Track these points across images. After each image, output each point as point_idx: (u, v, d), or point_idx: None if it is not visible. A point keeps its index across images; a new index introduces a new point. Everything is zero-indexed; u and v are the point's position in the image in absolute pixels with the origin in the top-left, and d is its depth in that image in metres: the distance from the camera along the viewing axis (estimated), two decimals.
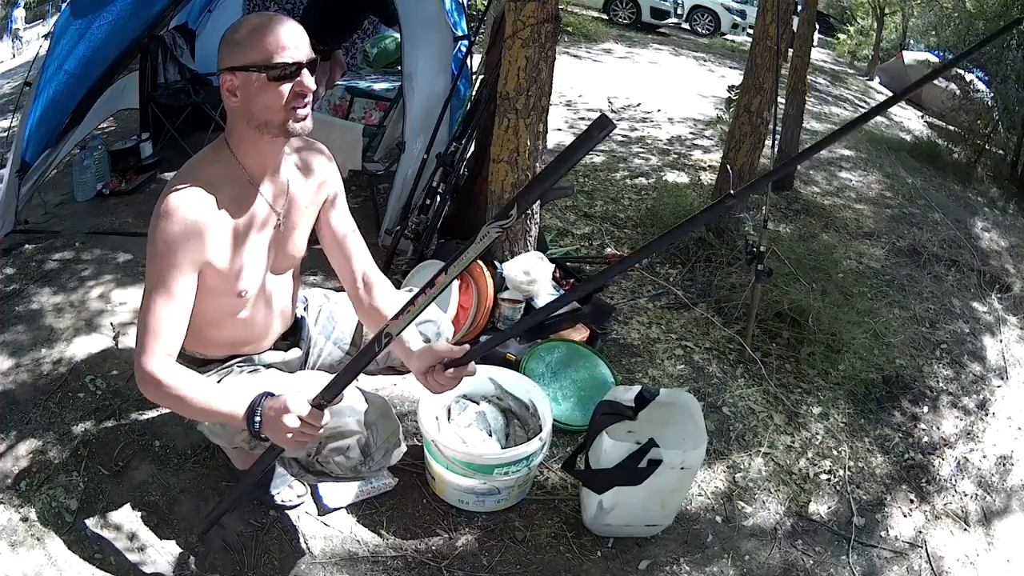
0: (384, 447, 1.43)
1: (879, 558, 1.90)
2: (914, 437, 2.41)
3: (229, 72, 1.19)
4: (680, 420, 1.75)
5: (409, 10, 2.89)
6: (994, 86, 6.56)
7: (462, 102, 3.24)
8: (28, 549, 1.55)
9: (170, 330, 1.21)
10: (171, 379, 1.19)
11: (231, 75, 1.19)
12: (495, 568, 1.65)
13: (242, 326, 1.42)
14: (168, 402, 1.23)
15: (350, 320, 1.67)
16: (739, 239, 3.07)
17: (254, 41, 1.17)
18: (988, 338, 3.13)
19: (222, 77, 1.20)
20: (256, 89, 1.18)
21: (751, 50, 3.06)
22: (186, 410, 1.24)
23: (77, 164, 3.27)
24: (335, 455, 1.36)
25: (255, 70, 1.17)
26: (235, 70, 1.18)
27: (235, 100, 1.21)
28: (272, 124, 1.22)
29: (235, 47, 1.18)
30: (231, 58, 1.18)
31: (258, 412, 1.18)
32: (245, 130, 1.25)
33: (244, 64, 1.17)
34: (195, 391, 1.20)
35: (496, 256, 2.57)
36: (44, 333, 2.28)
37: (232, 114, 1.25)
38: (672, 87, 6.93)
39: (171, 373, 1.20)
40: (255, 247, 1.33)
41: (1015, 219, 5.20)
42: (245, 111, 1.21)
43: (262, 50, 1.16)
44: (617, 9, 11.27)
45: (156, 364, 1.19)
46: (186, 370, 1.23)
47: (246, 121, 1.23)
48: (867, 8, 13.43)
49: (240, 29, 1.19)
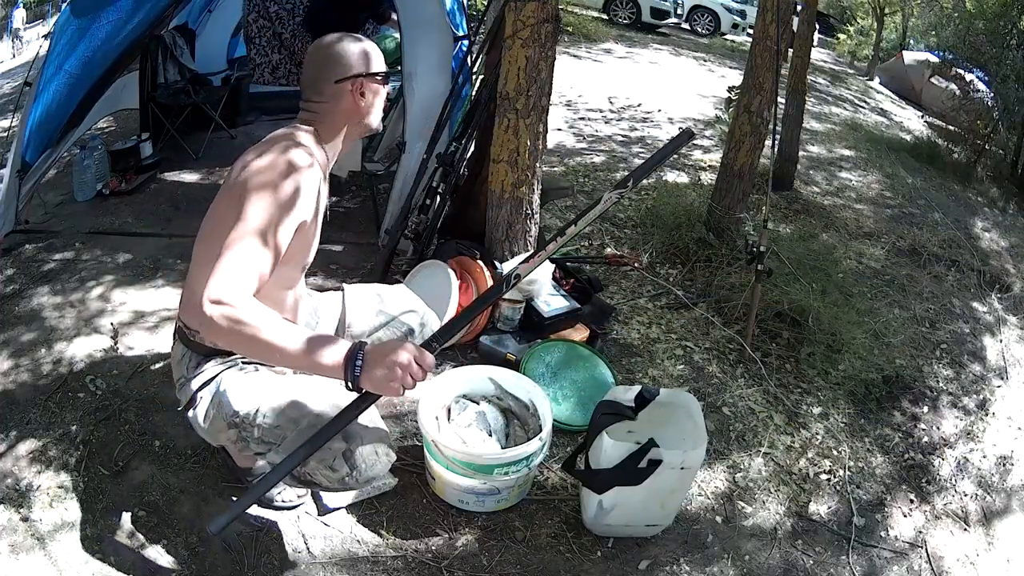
0: (372, 458, 1.36)
1: (879, 558, 1.90)
2: (914, 437, 2.41)
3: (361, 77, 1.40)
4: (680, 420, 1.75)
5: (409, 10, 2.89)
6: (994, 86, 6.56)
7: (462, 102, 3.24)
8: (28, 549, 1.55)
9: (255, 266, 1.15)
10: (246, 307, 1.08)
11: (364, 79, 1.41)
12: (495, 568, 1.65)
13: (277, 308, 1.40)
14: (235, 334, 1.09)
15: (333, 314, 1.70)
16: (739, 239, 3.07)
17: (373, 56, 1.43)
18: (988, 338, 3.13)
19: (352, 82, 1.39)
20: (374, 92, 1.44)
21: (751, 50, 3.06)
22: (260, 348, 1.10)
23: (77, 164, 3.27)
24: (322, 468, 1.31)
25: (379, 78, 1.44)
26: (366, 76, 1.41)
27: (364, 100, 1.42)
28: (375, 119, 1.48)
29: (364, 58, 1.41)
30: (362, 64, 1.40)
31: (360, 355, 1.13)
32: (351, 127, 1.45)
33: (373, 72, 1.42)
34: (275, 326, 1.10)
35: (496, 256, 2.58)
36: (44, 333, 2.28)
37: (343, 114, 1.42)
38: (672, 87, 6.93)
39: (247, 301, 1.10)
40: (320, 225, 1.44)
41: (1015, 219, 5.20)
42: (364, 110, 1.44)
43: (379, 62, 1.45)
44: (617, 9, 11.26)
45: (230, 289, 1.09)
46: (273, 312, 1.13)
47: (358, 120, 1.44)
48: (867, 8, 13.43)
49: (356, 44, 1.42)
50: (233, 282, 1.10)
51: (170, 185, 3.50)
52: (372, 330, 1.70)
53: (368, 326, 1.70)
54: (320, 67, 1.40)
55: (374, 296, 1.73)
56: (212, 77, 4.19)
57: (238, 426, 1.36)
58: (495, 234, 2.58)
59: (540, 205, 2.62)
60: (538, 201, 2.58)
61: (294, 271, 1.44)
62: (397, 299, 1.75)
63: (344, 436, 1.31)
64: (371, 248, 2.95)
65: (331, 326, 1.69)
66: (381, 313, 1.71)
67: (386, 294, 1.75)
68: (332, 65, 1.40)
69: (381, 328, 1.71)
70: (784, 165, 4.25)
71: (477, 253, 2.53)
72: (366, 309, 1.70)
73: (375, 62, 1.44)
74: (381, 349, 1.15)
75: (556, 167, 4.25)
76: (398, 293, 1.78)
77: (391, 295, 1.75)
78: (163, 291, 2.58)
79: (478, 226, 2.67)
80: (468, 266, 2.45)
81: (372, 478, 1.39)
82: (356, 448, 1.34)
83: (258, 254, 1.16)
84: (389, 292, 1.77)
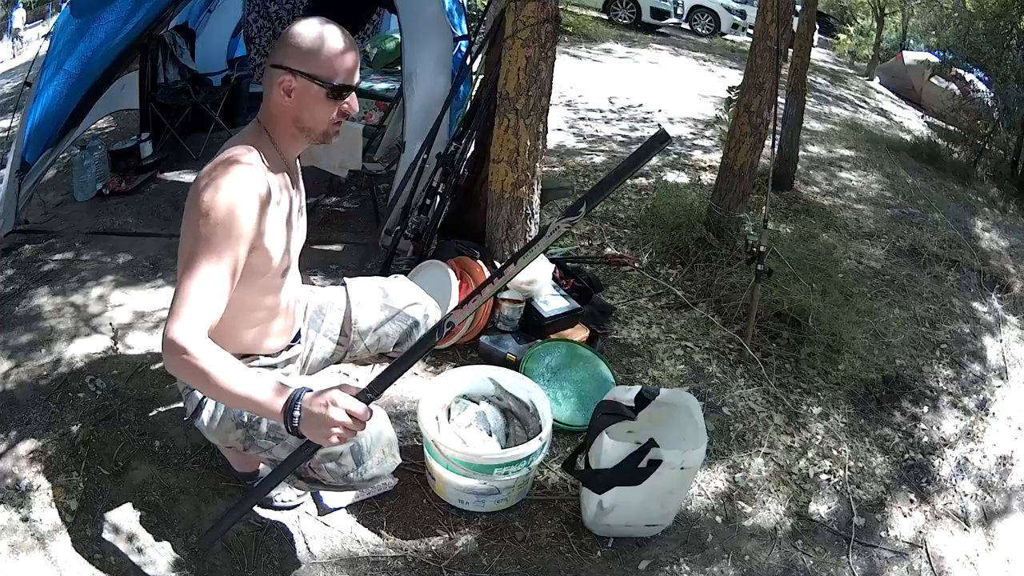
0: (377, 456, 1.39)
1: (879, 558, 1.90)
2: (914, 437, 2.41)
3: (289, 72, 1.23)
4: (680, 420, 1.75)
5: (409, 10, 2.89)
6: (994, 86, 6.56)
7: (462, 102, 3.24)
8: (28, 549, 1.55)
9: (209, 302, 1.17)
10: (200, 351, 1.12)
11: (291, 76, 1.23)
12: (495, 568, 1.65)
13: (270, 313, 1.44)
14: (191, 375, 1.14)
15: (338, 311, 1.69)
16: (739, 239, 3.07)
17: (325, 55, 1.23)
18: (988, 338, 3.13)
19: (280, 74, 1.23)
20: (311, 98, 1.25)
21: (751, 50, 3.06)
22: (211, 389, 1.16)
23: (77, 164, 3.27)
24: (326, 461, 1.33)
25: (319, 83, 1.23)
26: (298, 74, 1.23)
27: (288, 100, 1.25)
28: (314, 131, 1.30)
29: (304, 53, 1.22)
30: (297, 60, 1.22)
31: (298, 406, 1.13)
32: (289, 127, 1.30)
33: (310, 72, 1.22)
34: (225, 370, 1.14)
35: (496, 256, 2.58)
36: (44, 333, 2.28)
37: (277, 108, 1.28)
38: (672, 87, 6.93)
39: (201, 344, 1.13)
40: (290, 226, 1.39)
41: (1015, 219, 5.20)
42: (294, 112, 1.27)
43: (330, 67, 1.23)
44: (617, 9, 11.26)
45: (187, 332, 1.13)
46: (217, 347, 1.17)
47: (292, 120, 1.29)
48: (867, 8, 13.42)
49: (313, 36, 1.23)
50: (187, 324, 1.14)
51: (170, 185, 3.50)
52: (378, 324, 1.70)
53: (374, 321, 1.70)
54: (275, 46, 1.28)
55: (377, 290, 1.73)
56: (212, 77, 4.19)
57: (245, 425, 1.38)
58: (495, 234, 2.58)
59: (540, 205, 2.62)
60: (538, 201, 2.58)
61: (272, 280, 1.38)
62: (401, 292, 1.75)
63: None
64: (371, 248, 2.95)
65: (337, 323, 1.69)
66: (386, 307, 1.71)
67: (389, 288, 1.75)
68: (278, 46, 1.25)
69: (387, 322, 1.70)
70: (784, 165, 4.25)
71: (477, 253, 2.53)
72: (371, 304, 1.70)
73: (318, 61, 1.23)
74: (319, 401, 1.14)
75: (556, 167, 4.25)
76: (401, 286, 1.78)
77: (394, 289, 1.75)
78: (163, 291, 2.57)
79: (478, 226, 2.67)
80: (468, 266, 2.45)
81: (376, 476, 1.41)
82: (363, 444, 1.36)
83: (208, 291, 1.17)
84: (392, 286, 1.77)
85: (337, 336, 1.69)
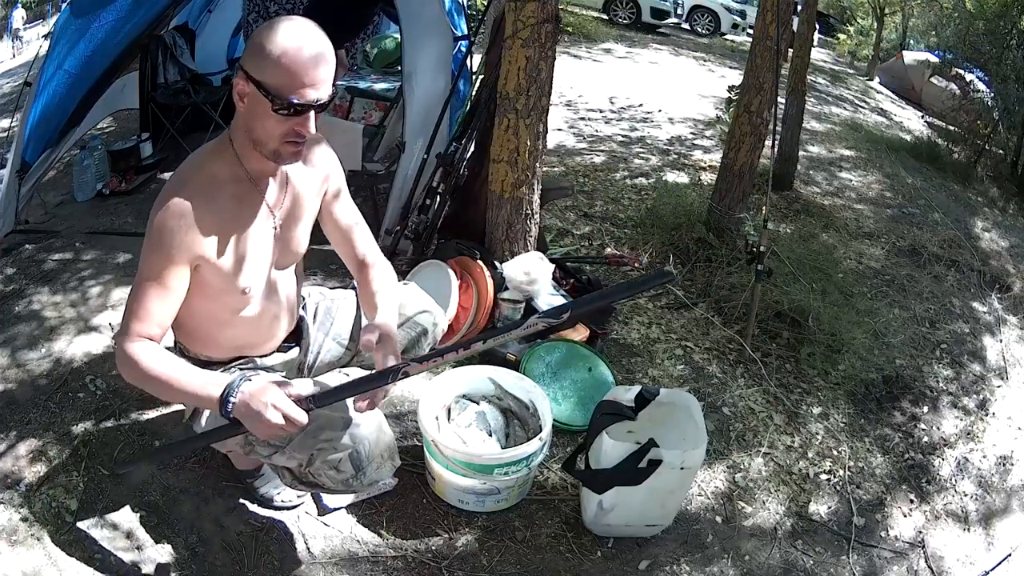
0: (377, 461, 1.38)
1: (879, 558, 1.90)
2: (914, 437, 2.41)
3: (244, 76, 1.14)
4: (680, 420, 1.75)
5: (409, 11, 2.89)
6: (994, 86, 6.56)
7: (462, 102, 3.24)
8: (28, 549, 1.55)
9: (154, 316, 1.21)
10: (149, 360, 1.19)
11: (245, 80, 1.14)
12: (495, 568, 1.65)
13: (250, 325, 1.41)
14: (146, 383, 1.22)
15: (348, 316, 1.66)
16: (739, 239, 3.07)
17: (282, 66, 1.11)
18: (988, 338, 3.13)
19: (237, 75, 1.15)
20: (260, 108, 1.15)
21: (751, 50, 3.06)
22: (164, 391, 1.23)
23: (77, 164, 3.27)
24: (326, 468, 1.33)
25: (265, 95, 1.12)
26: (250, 79, 1.13)
27: (241, 106, 1.19)
28: (265, 146, 1.20)
29: (262, 58, 1.11)
30: (252, 64, 1.13)
31: (233, 394, 1.17)
32: (245, 136, 1.23)
33: (260, 81, 1.12)
34: (172, 372, 1.20)
35: (496, 256, 2.57)
36: (44, 333, 2.28)
37: (236, 114, 1.22)
38: (672, 87, 6.93)
39: (149, 354, 1.20)
40: (256, 244, 1.31)
41: (1015, 219, 5.20)
42: (246, 120, 1.20)
43: (283, 79, 1.11)
44: (617, 9, 11.26)
45: (135, 345, 1.20)
46: (166, 353, 1.23)
47: (244, 129, 1.22)
48: (867, 8, 13.41)
49: (276, 41, 1.11)
50: (132, 337, 1.21)
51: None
52: None
53: None
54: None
55: None
56: (212, 77, 4.18)
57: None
58: (495, 234, 2.58)
59: (540, 205, 2.62)
60: (538, 201, 2.58)
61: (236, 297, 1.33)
62: (411, 299, 1.69)
63: (351, 438, 1.32)
64: None
65: (346, 328, 1.65)
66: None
67: (401, 294, 1.73)
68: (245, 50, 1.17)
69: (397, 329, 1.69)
70: (784, 165, 4.25)
71: (477, 253, 2.53)
72: None
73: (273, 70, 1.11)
74: (257, 400, 1.16)
75: (556, 167, 4.25)
76: (411, 293, 1.72)
77: (405, 295, 1.70)
78: None
79: (478, 226, 2.67)
80: (468, 266, 2.45)
81: (376, 481, 1.40)
82: (362, 451, 1.34)
83: (147, 306, 1.21)
84: (403, 292, 1.72)
85: (346, 341, 1.65)
